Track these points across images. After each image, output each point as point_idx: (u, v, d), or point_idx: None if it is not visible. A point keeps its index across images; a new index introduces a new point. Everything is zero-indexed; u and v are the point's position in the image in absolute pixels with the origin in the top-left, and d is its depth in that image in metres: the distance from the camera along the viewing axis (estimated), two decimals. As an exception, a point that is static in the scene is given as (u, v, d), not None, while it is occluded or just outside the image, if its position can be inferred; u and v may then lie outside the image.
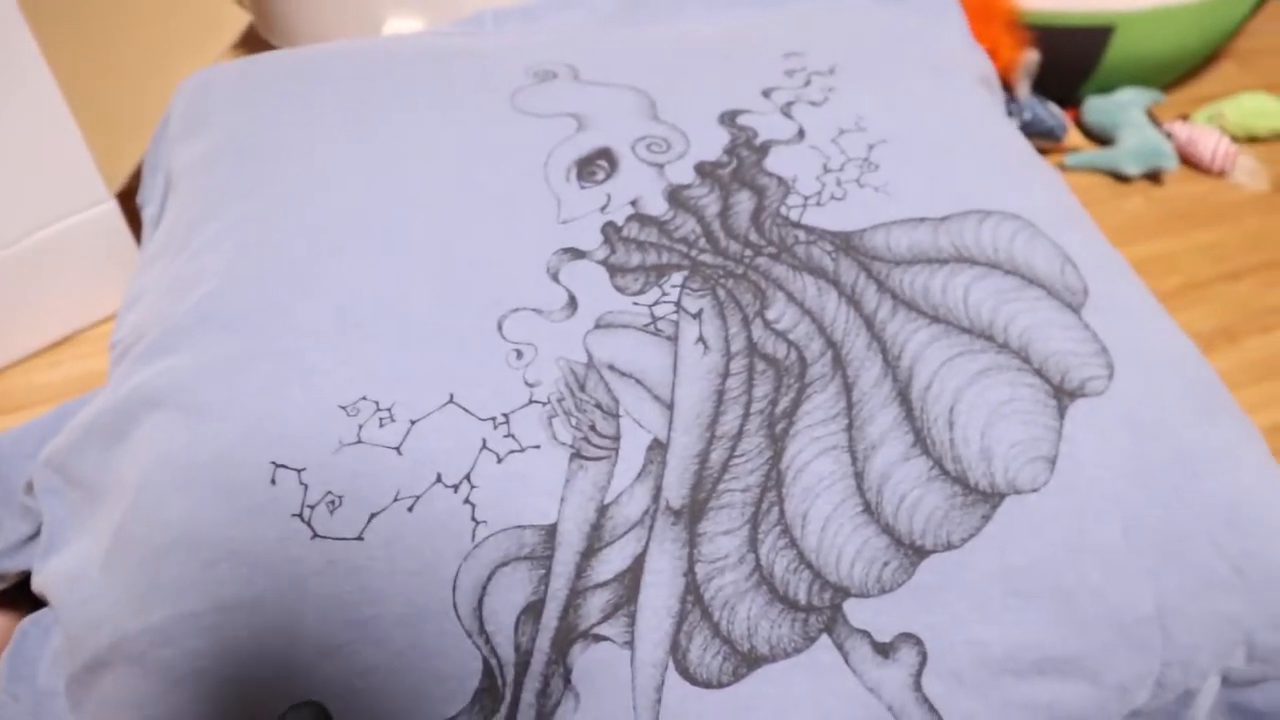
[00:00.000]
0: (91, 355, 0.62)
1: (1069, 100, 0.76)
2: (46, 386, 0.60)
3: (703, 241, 0.37)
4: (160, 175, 0.50)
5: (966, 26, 0.56)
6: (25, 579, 0.44)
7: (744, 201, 0.38)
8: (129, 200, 0.59)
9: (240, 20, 0.59)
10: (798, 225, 0.38)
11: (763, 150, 0.40)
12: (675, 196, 0.38)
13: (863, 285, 0.36)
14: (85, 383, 0.60)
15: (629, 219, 0.37)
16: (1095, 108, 0.74)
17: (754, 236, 0.37)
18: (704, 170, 0.39)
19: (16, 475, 0.49)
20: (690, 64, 0.45)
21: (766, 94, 0.43)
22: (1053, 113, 0.72)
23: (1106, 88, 0.75)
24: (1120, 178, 0.71)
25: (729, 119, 0.42)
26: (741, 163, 0.40)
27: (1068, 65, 0.73)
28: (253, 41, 0.68)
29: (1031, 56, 0.69)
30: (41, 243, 0.57)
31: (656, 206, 0.38)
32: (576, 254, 0.36)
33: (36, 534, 0.45)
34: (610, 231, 0.37)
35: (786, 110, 0.42)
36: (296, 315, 0.35)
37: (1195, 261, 0.64)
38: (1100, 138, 0.75)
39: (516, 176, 0.39)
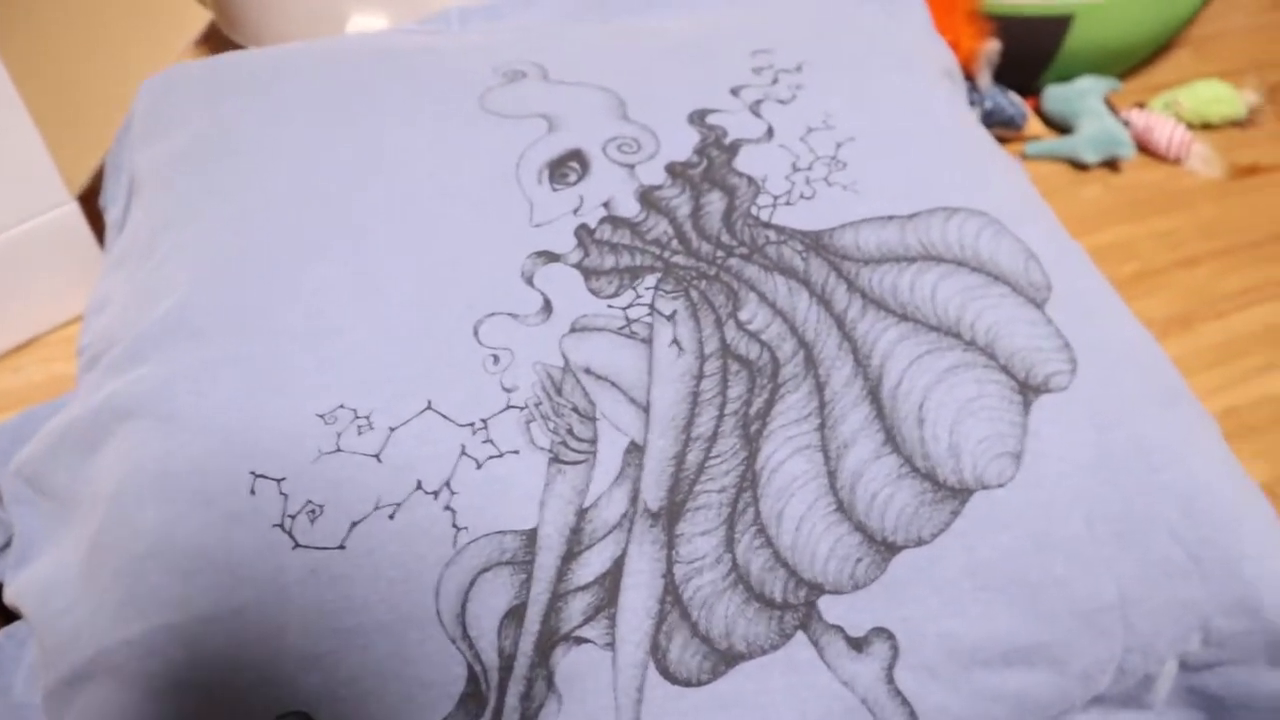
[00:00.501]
0: (54, 359, 0.61)
1: (1029, 89, 0.77)
2: (8, 392, 0.59)
3: (675, 243, 0.37)
4: (124, 177, 0.50)
5: (929, 18, 0.56)
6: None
7: (715, 202, 0.39)
8: (90, 202, 0.58)
9: (202, 18, 0.58)
10: (768, 225, 0.38)
11: (732, 149, 0.41)
12: (647, 197, 0.39)
13: (833, 285, 0.36)
14: (48, 388, 0.59)
15: (601, 221, 0.38)
16: (1054, 96, 0.75)
17: (725, 237, 0.38)
18: (675, 170, 0.40)
19: (-19, 482, 0.49)
20: (658, 62, 0.45)
21: (735, 92, 0.43)
22: (1013, 101, 0.73)
23: (1065, 76, 0.76)
24: (1079, 165, 0.73)
25: (698, 118, 0.42)
26: (712, 163, 0.40)
27: (1028, 54, 0.74)
28: (215, 39, 0.67)
29: (992, 46, 0.70)
30: (1, 246, 0.56)
31: (628, 208, 0.38)
32: (550, 257, 0.36)
33: (7, 545, 0.45)
34: (583, 234, 0.37)
35: (755, 109, 0.43)
36: (269, 321, 0.35)
37: (1152, 248, 0.66)
38: (1059, 126, 0.76)
39: (488, 179, 0.39)
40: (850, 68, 0.46)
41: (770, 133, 0.42)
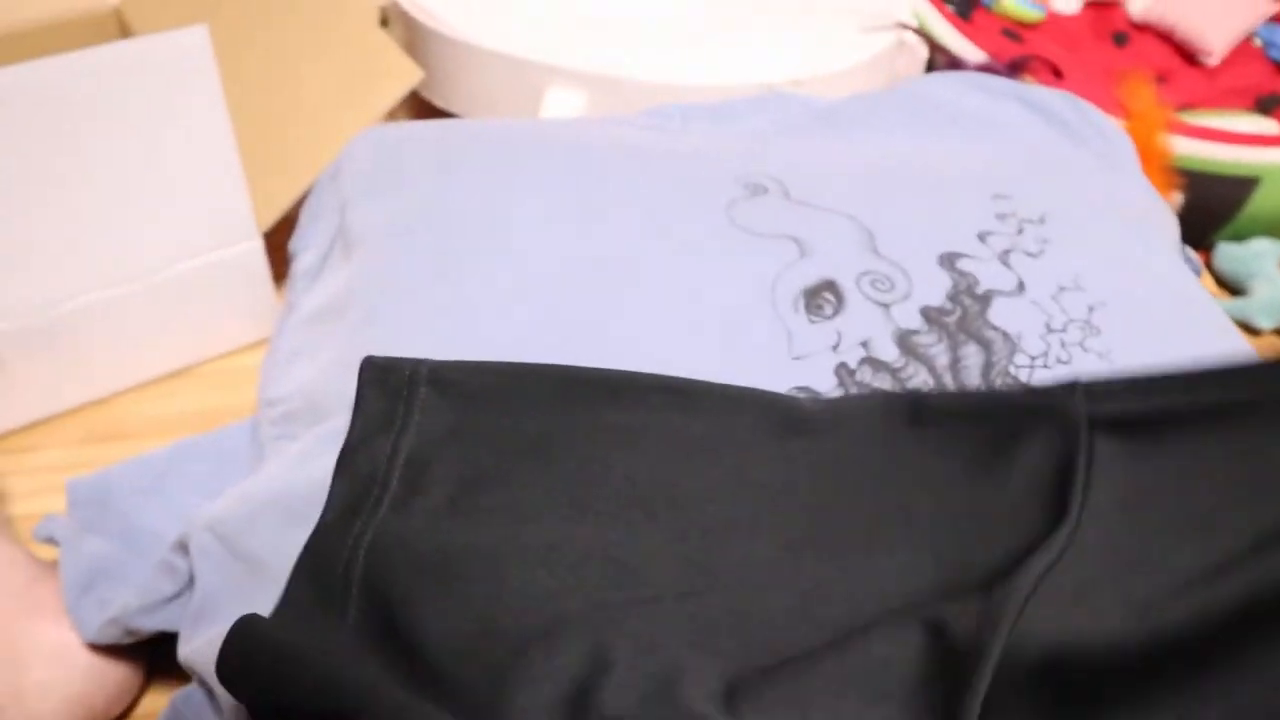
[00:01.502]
0: (207, 390, 0.60)
1: (1200, 244, 0.75)
2: (158, 418, 0.59)
3: (935, 396, 0.36)
4: (326, 225, 0.49)
5: (1142, 172, 0.55)
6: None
7: (972, 355, 0.37)
8: (270, 240, 0.58)
9: (414, 74, 0.58)
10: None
11: (985, 300, 0.39)
12: (905, 342, 0.37)
13: (1098, 461, 0.35)
14: (199, 419, 0.58)
15: (861, 362, 0.36)
16: (1228, 255, 0.73)
17: (986, 396, 0.36)
18: (930, 316, 0.38)
19: (133, 511, 0.48)
20: (900, 193, 0.44)
21: (982, 238, 0.42)
22: (1189, 257, 0.71)
23: (1239, 235, 0.75)
24: (1250, 329, 0.71)
25: (948, 261, 0.41)
26: (966, 312, 0.39)
27: (1208, 211, 0.73)
28: (412, 100, 0.67)
29: (1177, 199, 0.68)
30: (183, 273, 0.56)
31: (887, 351, 0.37)
32: (812, 394, 0.35)
33: (178, 594, 0.43)
34: (844, 374, 0.36)
35: (1004, 259, 0.41)
36: None
37: (1329, 430, 0.63)
38: (1229, 285, 0.74)
39: (743, 299, 0.38)
40: (1091, 226, 0.45)
41: (1021, 287, 0.40)
